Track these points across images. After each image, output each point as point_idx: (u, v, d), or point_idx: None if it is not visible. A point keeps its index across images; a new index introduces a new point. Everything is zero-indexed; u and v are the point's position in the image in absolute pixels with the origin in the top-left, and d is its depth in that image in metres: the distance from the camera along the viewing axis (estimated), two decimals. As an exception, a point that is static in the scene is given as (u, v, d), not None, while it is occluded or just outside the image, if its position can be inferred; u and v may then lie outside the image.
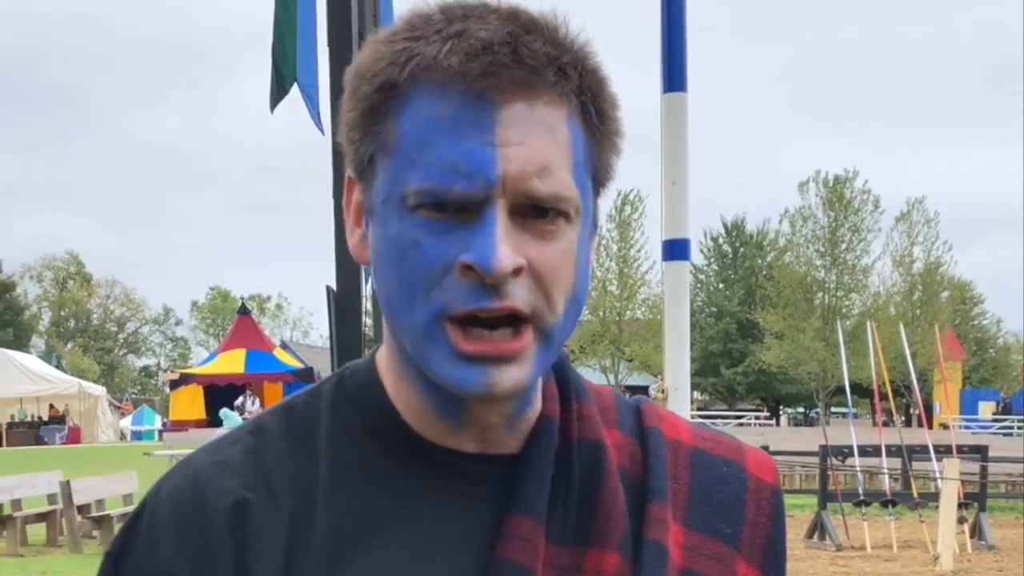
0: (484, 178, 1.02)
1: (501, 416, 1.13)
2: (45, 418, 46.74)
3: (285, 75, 4.17)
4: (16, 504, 17.06)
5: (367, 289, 4.67)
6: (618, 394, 1.29)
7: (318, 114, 4.25)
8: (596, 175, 1.11)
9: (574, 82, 1.05)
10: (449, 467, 1.15)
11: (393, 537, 1.12)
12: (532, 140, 1.03)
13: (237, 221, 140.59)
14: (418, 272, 1.04)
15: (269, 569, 1.11)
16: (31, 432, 45.90)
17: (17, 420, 47.84)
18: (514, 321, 1.05)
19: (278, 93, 4.19)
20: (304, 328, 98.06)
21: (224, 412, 32.00)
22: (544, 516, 1.12)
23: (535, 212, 1.04)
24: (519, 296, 1.03)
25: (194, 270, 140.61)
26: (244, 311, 46.46)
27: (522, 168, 1.02)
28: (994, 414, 49.84)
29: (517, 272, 1.03)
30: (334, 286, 4.50)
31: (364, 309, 4.62)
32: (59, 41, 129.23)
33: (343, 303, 4.49)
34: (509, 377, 1.05)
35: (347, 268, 4.49)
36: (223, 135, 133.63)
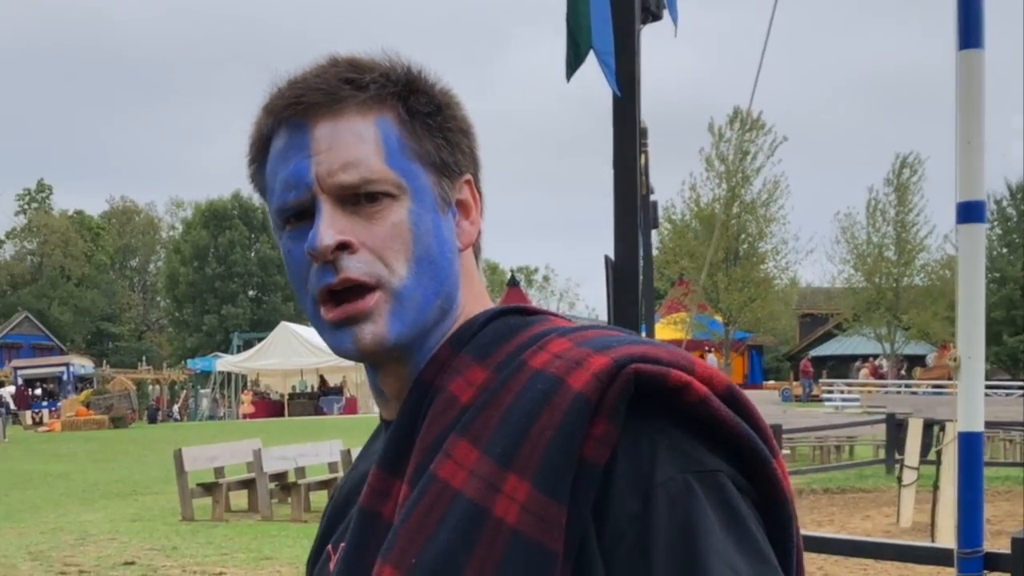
0: (305, 184, 1.29)
1: (397, 380, 1.35)
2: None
3: (581, 43, 4.12)
4: (300, 472, 17.76)
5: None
6: (542, 333, 1.30)
7: (615, 78, 4.19)
8: (428, 158, 1.33)
9: (372, 92, 1.30)
10: (384, 436, 1.37)
11: (353, 500, 1.37)
12: (338, 145, 1.28)
13: (505, 194, 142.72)
14: (296, 271, 1.33)
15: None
16: (310, 403, 47.79)
17: (298, 391, 49.84)
18: (361, 290, 1.28)
19: (575, 62, 4.15)
20: (570, 299, 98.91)
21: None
22: (392, 465, 1.29)
23: (367, 199, 1.28)
24: (354, 268, 1.27)
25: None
26: (514, 283, 46.93)
27: (328, 167, 1.28)
28: None
29: (349, 249, 1.27)
30: (612, 256, 4.44)
31: (640, 281, 4.53)
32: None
33: (621, 273, 4.41)
34: (368, 332, 1.28)
35: (626, 238, 4.41)
36: (492, 109, 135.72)
